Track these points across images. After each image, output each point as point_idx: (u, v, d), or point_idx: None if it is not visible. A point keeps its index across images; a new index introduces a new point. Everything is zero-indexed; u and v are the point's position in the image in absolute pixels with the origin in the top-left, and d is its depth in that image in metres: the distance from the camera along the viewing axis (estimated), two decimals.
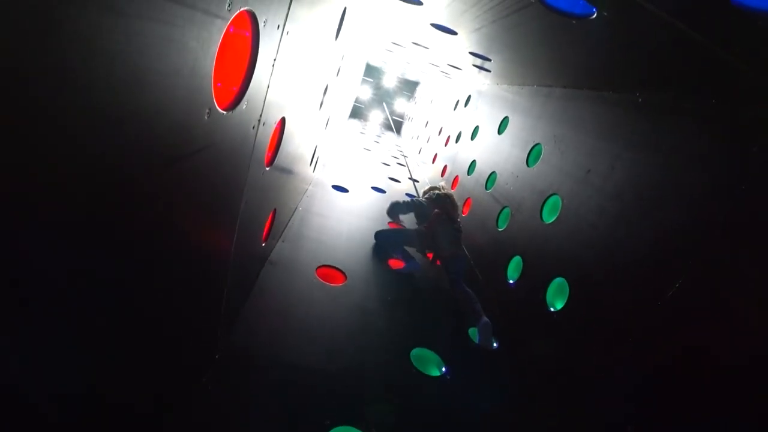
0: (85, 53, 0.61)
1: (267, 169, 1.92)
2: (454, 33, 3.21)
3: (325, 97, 3.48)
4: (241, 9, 1.10)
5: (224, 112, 1.18)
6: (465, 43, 3.56)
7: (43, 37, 0.54)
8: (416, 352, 2.50)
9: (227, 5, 1.01)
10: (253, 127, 1.46)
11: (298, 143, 2.76)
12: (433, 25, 3.13)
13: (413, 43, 4.41)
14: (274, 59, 1.49)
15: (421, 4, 2.81)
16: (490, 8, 2.61)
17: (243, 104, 1.30)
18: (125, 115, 0.75)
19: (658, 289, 2.00)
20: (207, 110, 1.05)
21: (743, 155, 1.74)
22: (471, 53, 3.80)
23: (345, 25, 3.34)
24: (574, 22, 2.05)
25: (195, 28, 0.90)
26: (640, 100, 2.64)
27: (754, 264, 1.56)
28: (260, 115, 1.51)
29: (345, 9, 3.21)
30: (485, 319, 2.92)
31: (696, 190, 1.98)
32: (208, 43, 0.97)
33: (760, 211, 1.62)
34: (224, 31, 1.03)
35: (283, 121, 1.94)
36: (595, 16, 1.85)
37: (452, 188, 5.74)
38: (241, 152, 1.47)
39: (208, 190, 1.29)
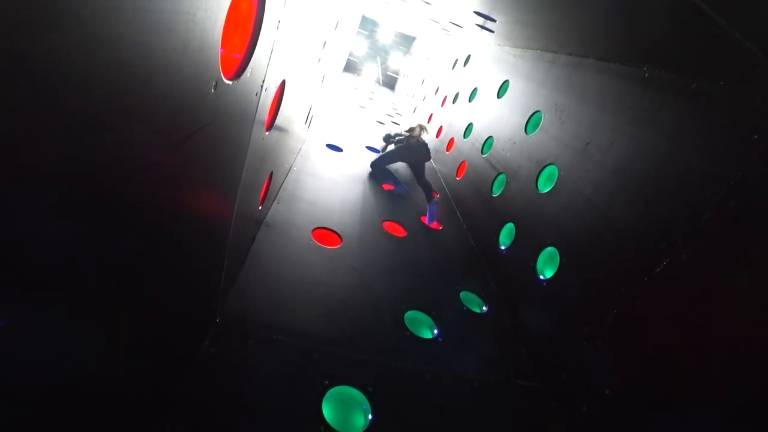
0: (91, 37, 0.57)
1: (267, 133, 1.87)
2: None
3: (323, 52, 3.33)
4: None
5: (229, 83, 1.13)
6: (471, 0, 3.39)
7: (47, 21, 0.50)
8: (410, 315, 2.60)
9: None
10: (256, 94, 1.41)
11: (295, 103, 2.68)
12: None
13: None
14: (279, 21, 1.41)
15: None
16: None
17: (247, 72, 1.24)
18: (133, 101, 0.72)
19: (646, 267, 2.07)
20: (214, 83, 1.00)
21: (744, 142, 1.75)
22: (476, 12, 3.63)
23: None
24: None
25: None
26: (647, 75, 2.59)
27: (746, 250, 1.62)
28: (263, 81, 1.45)
29: None
30: (435, 200, 4.24)
31: (694, 172, 2.00)
32: (216, 12, 0.91)
33: (756, 198, 1.66)
34: None
35: (283, 83, 1.86)
36: None
37: (447, 150, 5.71)
38: (244, 120, 1.42)
39: (212, 160, 1.26)
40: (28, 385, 0.74)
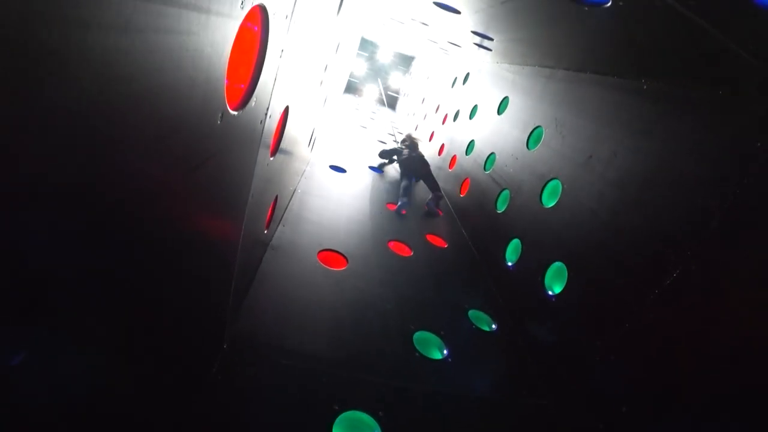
0: (102, 79, 0.59)
1: (271, 159, 1.90)
2: (457, 12, 3.12)
3: (325, 74, 3.40)
4: (253, 5, 1.06)
5: (235, 113, 1.15)
6: (468, 21, 3.47)
7: (60, 65, 0.52)
8: (419, 335, 2.57)
9: (240, 3, 0.98)
10: (261, 122, 1.44)
11: (298, 127, 2.72)
12: (436, 3, 3.03)
13: (412, 19, 4.28)
14: (282, 50, 1.45)
15: None
16: None
17: (252, 101, 1.27)
18: (146, 134, 0.74)
19: (655, 278, 2.05)
20: (220, 114, 1.03)
21: (746, 151, 1.75)
22: (473, 32, 3.71)
23: None
24: (586, 9, 2.00)
25: (209, 33, 0.87)
26: (645, 87, 2.61)
27: (751, 259, 1.60)
28: (267, 109, 1.48)
29: None
30: (437, 194, 4.98)
31: (697, 182, 2.00)
32: (222, 46, 0.94)
33: (760, 207, 1.65)
34: (237, 31, 0.99)
35: (287, 109, 1.90)
36: (609, 4, 1.81)
37: (450, 168, 5.74)
38: (249, 148, 1.45)
39: (219, 187, 1.28)
40: (32, 406, 0.74)
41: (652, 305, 2.04)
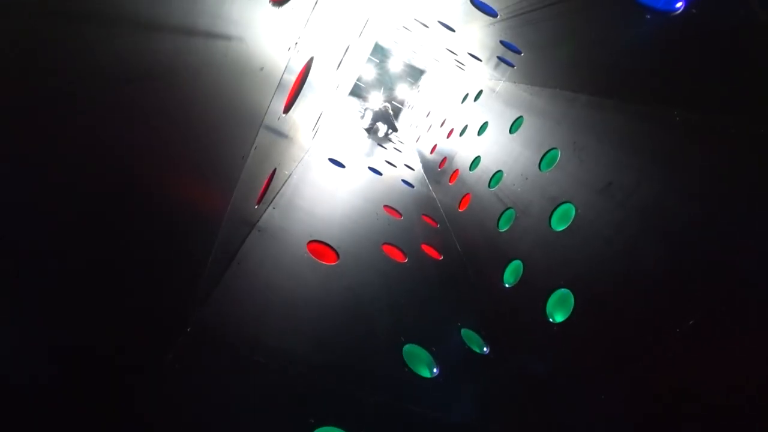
0: None
1: (283, 115, 1.62)
2: (493, 14, 2.96)
3: (345, 57, 3.17)
4: None
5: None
6: (499, 28, 3.32)
7: None
8: (408, 349, 2.30)
9: None
10: (289, 49, 1.16)
11: (312, 99, 2.46)
12: (473, 1, 2.87)
13: (439, 22, 4.13)
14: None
15: None
16: None
17: None
18: None
19: (678, 316, 1.87)
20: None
21: None
22: (501, 42, 3.57)
23: None
24: (648, 16, 1.84)
25: None
26: (677, 119, 2.48)
27: None
28: (298, 37, 1.21)
29: None
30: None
31: (729, 219, 1.85)
32: None
33: None
34: None
35: (309, 63, 1.63)
36: (680, 11, 1.64)
37: (450, 182, 5.58)
38: (271, 73, 1.15)
39: (215, 120, 1.01)
40: None
41: (670, 346, 1.85)
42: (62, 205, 0.64)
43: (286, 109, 1.67)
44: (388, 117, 8.82)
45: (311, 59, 1.61)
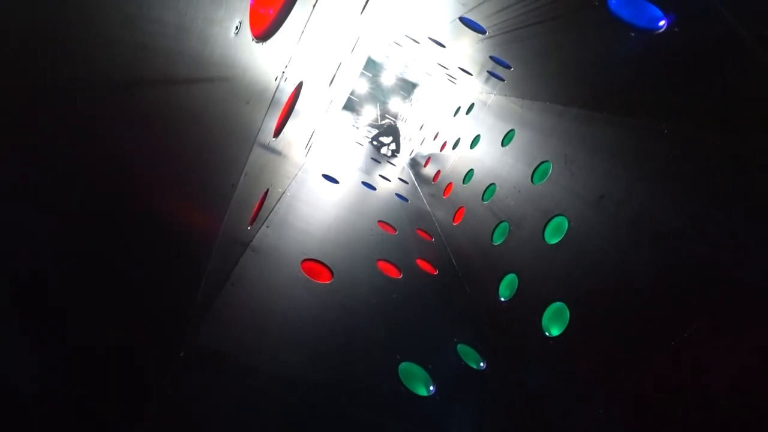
0: None
1: (274, 138, 1.64)
2: (482, 31, 3.01)
3: (336, 73, 3.20)
4: None
5: (257, 42, 0.90)
6: (489, 45, 3.38)
7: None
8: (405, 367, 2.28)
9: None
10: (276, 79, 1.18)
11: (302, 118, 2.48)
12: (462, 19, 2.92)
13: (430, 38, 4.20)
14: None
15: None
16: (530, 10, 2.43)
17: (280, 34, 1.00)
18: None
19: (673, 327, 1.87)
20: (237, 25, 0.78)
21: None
22: (491, 57, 3.63)
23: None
24: (632, 34, 1.88)
25: None
26: (666, 131, 2.52)
27: None
28: (285, 67, 1.23)
29: None
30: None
31: (720, 229, 1.87)
32: None
33: None
34: None
35: (299, 86, 1.65)
36: (663, 29, 1.69)
37: (444, 195, 5.60)
38: (258, 105, 1.17)
39: (210, 133, 1.01)
40: None
41: (666, 358, 1.85)
42: (53, 232, 0.63)
43: (276, 134, 1.68)
44: (396, 132, 8.99)
45: (300, 84, 1.63)
